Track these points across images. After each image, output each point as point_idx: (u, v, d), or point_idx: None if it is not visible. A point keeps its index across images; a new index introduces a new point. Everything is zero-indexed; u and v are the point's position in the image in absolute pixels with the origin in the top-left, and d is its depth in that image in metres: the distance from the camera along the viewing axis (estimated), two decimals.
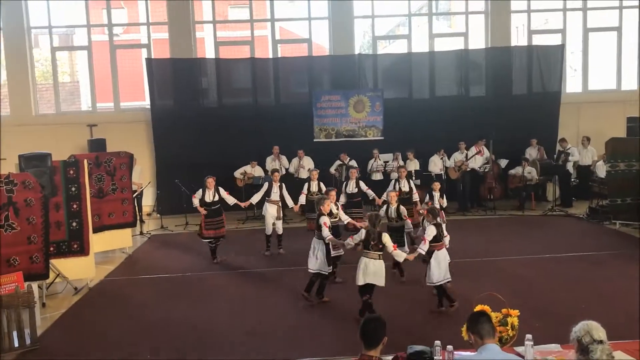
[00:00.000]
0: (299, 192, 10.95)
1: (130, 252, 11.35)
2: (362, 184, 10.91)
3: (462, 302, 7.23)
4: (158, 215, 14.05)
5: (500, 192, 14.78)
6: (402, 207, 9.03)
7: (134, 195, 11.97)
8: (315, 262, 7.77)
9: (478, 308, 5.17)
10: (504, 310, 5.33)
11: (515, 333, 5.23)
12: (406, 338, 5.91)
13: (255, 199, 10.78)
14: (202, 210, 10.17)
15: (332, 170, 14.19)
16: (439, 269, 7.43)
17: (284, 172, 14.08)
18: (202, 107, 15.31)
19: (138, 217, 12.59)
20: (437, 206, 9.47)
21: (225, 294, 8.63)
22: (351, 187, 10.84)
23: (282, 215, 10.79)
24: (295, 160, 14.28)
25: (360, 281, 7.05)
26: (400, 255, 7.21)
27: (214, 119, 14.96)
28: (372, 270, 7.01)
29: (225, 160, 14.27)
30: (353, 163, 14.06)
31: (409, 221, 8.99)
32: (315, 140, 15.11)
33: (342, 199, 10.65)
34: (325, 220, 7.78)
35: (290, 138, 14.62)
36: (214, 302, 8.22)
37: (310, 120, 15.12)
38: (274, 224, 10.71)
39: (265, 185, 10.81)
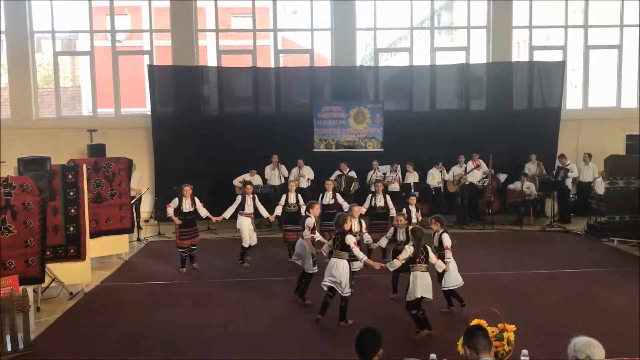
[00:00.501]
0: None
1: (126, 258, 11.33)
2: (338, 197, 10.85)
3: (459, 316, 7.21)
4: (155, 221, 14.01)
5: (498, 207, 14.78)
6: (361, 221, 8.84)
7: (132, 201, 11.95)
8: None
9: (474, 322, 5.15)
10: (500, 325, 5.32)
11: (512, 348, 5.22)
12: (402, 351, 5.88)
13: (228, 213, 10.64)
14: (177, 220, 10.03)
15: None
16: (455, 274, 7.61)
17: (282, 181, 14.07)
18: (203, 114, 15.34)
19: (135, 224, 12.55)
20: (414, 220, 9.49)
21: (221, 301, 8.61)
22: (327, 199, 10.78)
23: (255, 227, 10.78)
24: (295, 170, 14.27)
25: (415, 295, 6.98)
26: (441, 266, 7.32)
27: (215, 127, 14.98)
28: (425, 283, 7.04)
29: (225, 169, 14.28)
30: (353, 174, 14.07)
31: (367, 234, 8.79)
32: (315, 150, 15.12)
33: (363, 210, 10.54)
34: (352, 239, 7.50)
35: (291, 147, 14.62)
36: (209, 310, 8.19)
37: (311, 130, 15.14)
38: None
39: (239, 198, 10.70)
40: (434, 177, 14.29)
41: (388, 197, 10.75)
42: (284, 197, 10.86)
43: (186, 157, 14.72)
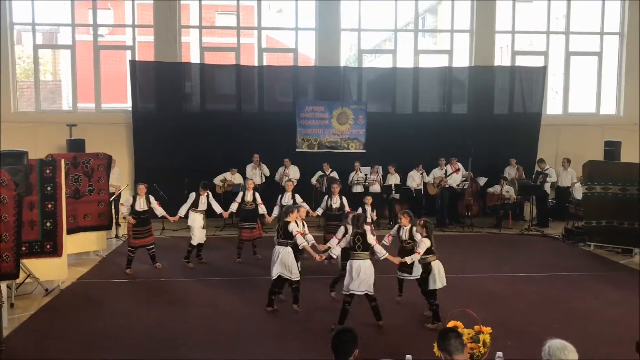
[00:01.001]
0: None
1: (104, 255, 11.22)
2: (297, 197, 10.71)
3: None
4: (171, 220, 13.84)
5: (478, 210, 14.90)
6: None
7: (112, 198, 11.83)
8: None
9: (451, 324, 5.19)
10: (476, 327, 5.35)
11: (487, 350, 5.26)
12: (378, 351, 5.89)
13: (182, 210, 10.54)
14: (131, 220, 9.82)
15: (314, 180, 14.18)
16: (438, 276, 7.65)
17: (264, 180, 14.04)
18: (185, 111, 15.23)
19: (114, 220, 12.43)
20: (369, 220, 9.51)
21: (198, 300, 8.56)
22: (286, 199, 10.69)
23: (205, 225, 10.69)
24: (281, 169, 14.24)
25: (438, 284, 7.48)
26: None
27: (196, 125, 14.89)
28: (442, 274, 7.52)
29: (206, 167, 14.19)
30: (334, 174, 14.07)
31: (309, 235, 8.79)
32: (297, 150, 15.10)
33: (320, 211, 10.63)
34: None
35: (273, 147, 14.59)
36: (186, 308, 8.14)
37: (293, 130, 15.12)
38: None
39: (192, 195, 10.56)
40: (414, 180, 14.37)
41: (344, 198, 10.64)
42: (240, 194, 10.81)
43: (167, 155, 14.60)
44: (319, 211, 10.63)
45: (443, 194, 14.35)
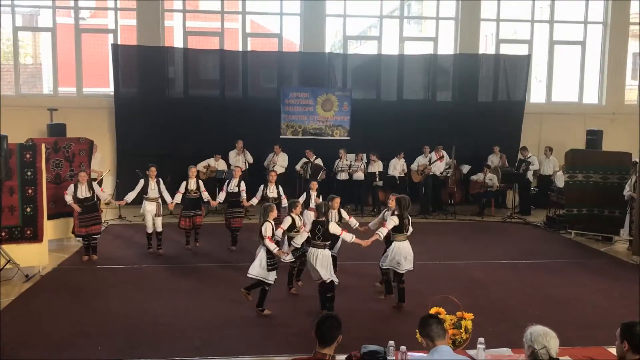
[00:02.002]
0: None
1: None
2: (280, 189, 10.37)
3: (419, 303, 7.26)
4: (117, 204, 13.75)
5: (461, 197, 14.98)
6: None
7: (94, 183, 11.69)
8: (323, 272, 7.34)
9: (433, 310, 5.23)
10: (458, 314, 5.40)
11: (469, 336, 5.30)
12: (361, 337, 5.92)
13: (130, 197, 10.37)
14: (77, 207, 9.63)
15: (298, 167, 14.14)
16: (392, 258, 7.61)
17: (247, 167, 13.97)
18: (168, 97, 15.07)
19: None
20: (312, 206, 9.42)
21: (181, 287, 8.51)
22: (232, 186, 10.60)
23: (161, 212, 10.39)
24: (270, 155, 14.16)
25: (408, 265, 7.56)
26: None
27: (179, 110, 14.74)
28: (407, 253, 7.58)
29: (189, 152, 14.10)
30: (319, 162, 14.05)
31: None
32: (281, 136, 15.03)
33: (255, 201, 10.32)
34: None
35: (257, 133, 14.51)
36: (168, 295, 8.10)
37: (278, 116, 15.04)
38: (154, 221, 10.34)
39: (141, 182, 10.31)
40: (395, 168, 14.37)
41: (280, 187, 10.38)
42: (183, 183, 10.54)
43: (149, 140, 14.46)
44: (254, 201, 10.30)
45: (427, 182, 14.40)
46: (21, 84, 15.43)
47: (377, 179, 14.13)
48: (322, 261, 7.18)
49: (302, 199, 9.50)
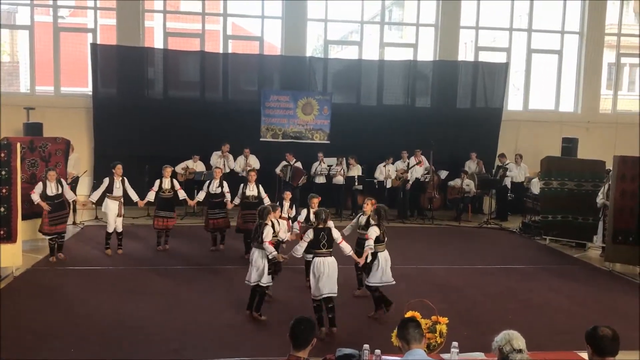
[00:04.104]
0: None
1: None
2: (261, 189, 10.40)
3: (395, 307, 7.32)
4: (93, 205, 13.60)
5: (439, 203, 15.09)
6: None
7: (67, 183, 11.55)
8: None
9: (409, 314, 5.26)
10: (433, 318, 5.45)
11: (443, 340, 5.36)
12: (335, 341, 5.94)
13: (95, 196, 10.32)
14: (46, 206, 9.49)
15: (278, 170, 14.11)
16: (382, 271, 7.39)
17: (228, 170, 13.89)
18: (147, 97, 14.96)
19: (71, 207, 12.15)
20: (285, 216, 9.42)
21: (157, 289, 8.45)
22: (214, 187, 10.50)
23: (122, 212, 10.32)
24: (241, 159, 14.09)
25: (388, 277, 7.34)
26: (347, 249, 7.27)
27: (159, 111, 14.65)
28: (387, 269, 7.36)
29: (168, 154, 13.97)
30: (299, 165, 14.06)
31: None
32: (261, 139, 15.02)
33: (237, 201, 10.34)
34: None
35: (237, 136, 14.45)
36: (144, 298, 8.03)
37: (258, 119, 15.02)
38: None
39: (106, 180, 10.23)
40: (382, 172, 14.42)
41: (260, 186, 10.38)
42: (157, 182, 10.50)
43: (127, 141, 14.34)
44: (236, 200, 10.33)
45: (405, 187, 14.49)
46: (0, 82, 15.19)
47: (356, 183, 14.18)
48: (331, 272, 6.80)
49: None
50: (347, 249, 7.17)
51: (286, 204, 9.67)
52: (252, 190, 10.20)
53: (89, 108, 14.76)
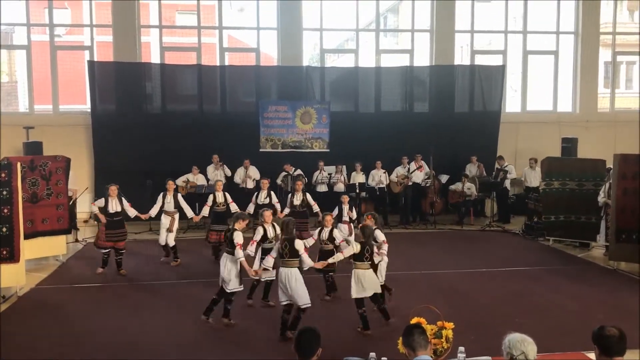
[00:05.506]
0: (246, 203, 10.90)
1: (64, 259, 10.97)
2: (308, 197, 10.85)
3: (400, 314, 7.30)
4: (95, 222, 13.60)
5: (441, 207, 15.07)
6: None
7: (71, 202, 11.58)
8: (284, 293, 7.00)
9: (414, 320, 5.24)
10: (439, 323, 5.43)
11: (450, 345, 5.33)
12: (342, 350, 5.91)
13: (154, 211, 10.59)
14: (103, 219, 9.79)
15: (279, 181, 14.12)
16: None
17: (225, 181, 13.91)
18: (145, 112, 14.99)
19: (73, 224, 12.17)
20: (347, 219, 9.58)
21: (159, 305, 8.43)
22: (262, 197, 10.79)
23: (175, 227, 10.65)
24: (241, 170, 14.12)
25: (360, 294, 7.04)
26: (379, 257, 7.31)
27: (157, 126, 14.66)
28: (372, 281, 7.08)
29: (168, 168, 13.96)
30: (299, 172, 14.04)
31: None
32: (261, 150, 15.03)
33: (287, 210, 10.65)
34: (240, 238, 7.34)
35: (236, 147, 14.49)
36: (147, 314, 8.02)
37: (257, 130, 15.03)
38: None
39: (161, 196, 10.62)
40: (374, 178, 14.42)
41: (308, 195, 10.75)
42: (211, 197, 10.73)
43: (127, 156, 14.36)
44: (286, 210, 10.65)
45: (406, 192, 14.49)
46: None
47: (358, 190, 14.14)
48: (291, 283, 6.87)
49: (335, 212, 9.64)
50: (307, 261, 7.13)
51: (345, 207, 9.88)
52: (298, 199, 10.53)
53: (88, 125, 14.79)
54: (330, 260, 7.41)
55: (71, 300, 8.66)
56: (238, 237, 7.31)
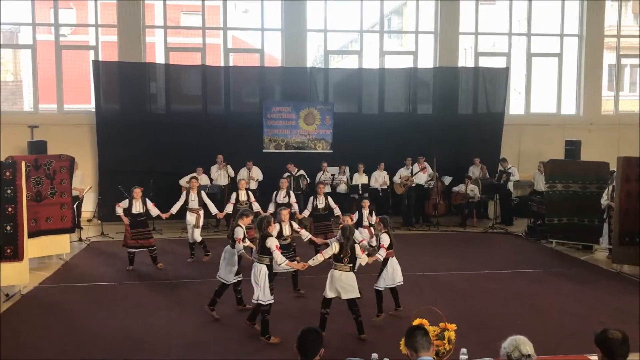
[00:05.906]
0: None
1: (67, 258, 11.00)
2: (330, 200, 10.84)
3: (403, 315, 7.31)
4: (98, 221, 13.67)
5: (444, 209, 15.07)
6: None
7: (77, 202, 11.63)
8: (256, 289, 7.03)
9: (416, 321, 5.24)
10: (441, 325, 5.43)
11: (452, 347, 5.33)
12: (344, 351, 5.93)
13: (175, 209, 10.74)
14: (126, 221, 10.09)
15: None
16: (393, 274, 7.61)
17: (229, 181, 13.96)
18: (150, 112, 15.03)
19: (77, 223, 12.21)
20: (367, 224, 9.67)
21: (163, 304, 8.44)
22: (280, 197, 10.90)
23: (201, 223, 10.89)
24: (243, 171, 14.14)
25: (329, 294, 6.94)
26: (364, 259, 7.17)
27: (162, 126, 14.71)
28: (348, 284, 6.92)
29: (172, 168, 14.06)
30: (302, 172, 14.08)
31: (303, 231, 9.08)
32: (264, 150, 15.06)
33: (306, 213, 10.78)
34: (274, 242, 7.11)
35: (240, 148, 14.52)
36: (151, 313, 8.03)
37: (260, 131, 15.06)
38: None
39: (184, 194, 10.87)
40: (377, 180, 14.43)
41: (330, 198, 10.87)
42: (233, 194, 10.88)
43: (131, 156, 14.41)
44: (306, 213, 10.77)
45: (409, 194, 14.49)
46: (1, 101, 15.29)
47: (360, 192, 14.14)
48: (258, 278, 6.98)
49: (355, 217, 9.75)
50: (278, 258, 7.02)
51: (365, 212, 9.96)
52: (321, 202, 10.62)
53: (92, 124, 14.84)
54: (310, 262, 7.20)
55: (74, 299, 8.68)
56: (238, 233, 7.59)
